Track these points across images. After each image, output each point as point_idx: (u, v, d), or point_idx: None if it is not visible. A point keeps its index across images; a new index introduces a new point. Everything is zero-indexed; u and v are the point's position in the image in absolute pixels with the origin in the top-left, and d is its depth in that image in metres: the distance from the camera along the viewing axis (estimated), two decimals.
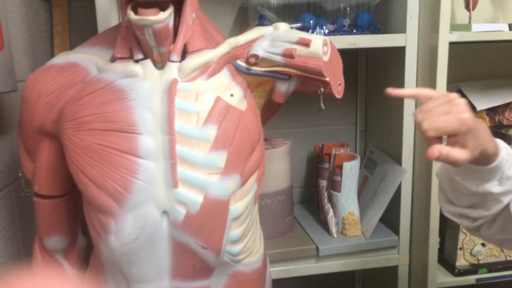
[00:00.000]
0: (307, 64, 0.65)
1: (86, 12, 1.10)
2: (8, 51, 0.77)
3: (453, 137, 0.54)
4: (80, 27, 1.13)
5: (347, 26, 1.08)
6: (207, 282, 0.66)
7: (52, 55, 1.10)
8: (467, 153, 0.54)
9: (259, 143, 0.67)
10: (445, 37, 0.95)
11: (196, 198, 0.60)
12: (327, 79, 0.66)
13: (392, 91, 0.60)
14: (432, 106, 0.55)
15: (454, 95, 0.56)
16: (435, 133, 0.54)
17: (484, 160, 0.57)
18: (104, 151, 0.60)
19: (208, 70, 0.63)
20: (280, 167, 1.10)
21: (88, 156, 0.60)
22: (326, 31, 1.06)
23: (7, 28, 0.78)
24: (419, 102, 0.59)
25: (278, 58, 0.66)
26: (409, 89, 0.58)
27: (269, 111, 0.75)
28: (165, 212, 0.61)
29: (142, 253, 0.62)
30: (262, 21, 1.06)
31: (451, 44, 0.97)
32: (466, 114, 0.53)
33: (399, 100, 1.05)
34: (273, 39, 0.67)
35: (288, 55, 0.65)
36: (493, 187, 0.60)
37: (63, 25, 1.10)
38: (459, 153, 0.53)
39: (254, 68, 0.68)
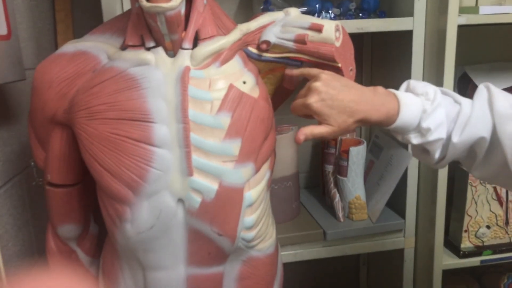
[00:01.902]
0: (320, 50, 0.65)
1: None
2: (16, 39, 0.76)
3: (316, 117, 0.63)
4: (83, 13, 1.11)
5: (353, 10, 1.07)
6: (222, 268, 0.67)
7: (56, 42, 1.09)
8: (330, 128, 0.62)
9: (271, 130, 0.67)
10: (454, 20, 0.94)
11: (211, 185, 0.60)
12: (339, 65, 0.66)
13: (288, 71, 0.69)
14: (301, 90, 0.65)
15: (317, 78, 0.63)
16: (296, 114, 0.66)
17: (384, 123, 0.65)
18: (118, 140, 0.60)
19: (220, 57, 0.63)
20: (286, 153, 1.10)
21: (102, 145, 0.60)
22: (332, 15, 1.05)
23: (13, 16, 0.77)
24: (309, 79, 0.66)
25: (290, 44, 0.66)
26: (299, 69, 0.68)
27: (280, 97, 0.75)
28: (180, 200, 0.61)
29: (158, 241, 0.63)
30: (267, 5, 1.05)
31: (459, 27, 0.96)
32: (312, 99, 0.62)
33: None
34: (284, 25, 0.67)
35: (300, 41, 0.65)
36: (413, 139, 0.67)
37: (65, 11, 1.09)
38: (322, 129, 0.62)
39: (265, 54, 0.68)
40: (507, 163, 0.63)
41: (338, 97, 0.62)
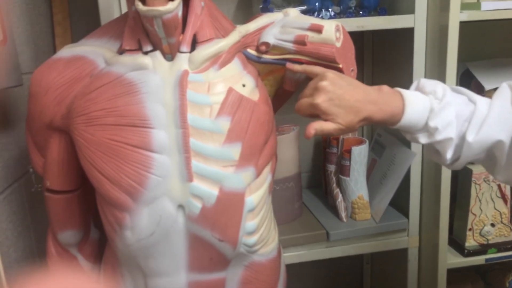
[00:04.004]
0: (320, 50, 0.64)
1: (86, 0, 1.08)
2: (12, 44, 0.75)
3: (323, 116, 0.62)
4: (81, 15, 1.10)
5: (353, 8, 1.06)
6: (224, 274, 0.66)
7: (54, 46, 1.08)
8: (337, 126, 0.61)
9: (272, 133, 0.66)
10: (456, 16, 0.93)
11: (212, 191, 0.60)
12: (340, 65, 0.65)
13: (290, 65, 0.67)
14: (305, 90, 0.64)
15: (323, 77, 0.62)
16: (301, 114, 0.64)
17: (388, 122, 0.64)
18: (116, 146, 0.59)
19: (219, 60, 0.62)
20: (288, 153, 1.09)
21: (100, 152, 0.59)
22: (332, 13, 1.04)
23: (9, 20, 0.76)
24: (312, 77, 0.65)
25: (290, 45, 0.65)
26: (301, 66, 0.66)
27: (280, 99, 0.74)
28: (180, 206, 0.61)
29: (158, 248, 0.62)
30: (266, 4, 1.04)
31: (461, 23, 0.95)
32: (319, 99, 0.61)
33: (407, 83, 1.03)
34: (283, 26, 0.66)
35: (300, 42, 0.64)
36: (421, 138, 0.66)
37: (63, 14, 1.08)
38: (330, 126, 0.61)
39: (264, 56, 0.67)
40: None
41: (345, 96, 0.61)
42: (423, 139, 0.65)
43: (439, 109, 0.63)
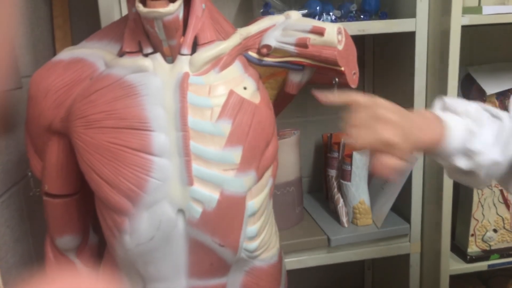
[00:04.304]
0: (322, 53, 0.63)
1: (87, 3, 1.08)
2: (11, 47, 0.74)
3: (387, 149, 0.56)
4: (81, 19, 1.10)
5: (354, 12, 1.06)
6: (225, 280, 0.65)
7: (54, 49, 1.08)
8: (401, 158, 0.56)
9: (273, 136, 0.66)
10: (458, 20, 0.93)
11: (212, 195, 0.59)
12: (342, 68, 0.64)
13: (320, 96, 0.60)
14: (358, 120, 0.58)
15: (377, 107, 0.57)
16: (361, 149, 0.57)
17: (430, 149, 0.60)
18: (116, 149, 0.58)
19: (220, 62, 0.61)
20: (289, 157, 1.09)
21: (99, 155, 0.59)
22: (333, 17, 1.03)
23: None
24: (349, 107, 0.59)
25: (291, 48, 0.64)
26: (339, 96, 0.60)
27: (281, 102, 0.73)
28: (180, 210, 0.60)
29: (158, 253, 0.61)
30: (267, 8, 1.04)
31: (462, 27, 0.94)
32: (388, 133, 0.55)
33: (408, 87, 1.03)
34: (285, 28, 0.65)
35: (302, 44, 0.63)
36: (459, 162, 0.60)
37: (63, 17, 1.07)
38: (394, 161, 0.56)
39: (266, 59, 0.66)
40: None
41: (405, 124, 0.56)
42: (463, 163, 0.60)
43: (477, 130, 0.60)
